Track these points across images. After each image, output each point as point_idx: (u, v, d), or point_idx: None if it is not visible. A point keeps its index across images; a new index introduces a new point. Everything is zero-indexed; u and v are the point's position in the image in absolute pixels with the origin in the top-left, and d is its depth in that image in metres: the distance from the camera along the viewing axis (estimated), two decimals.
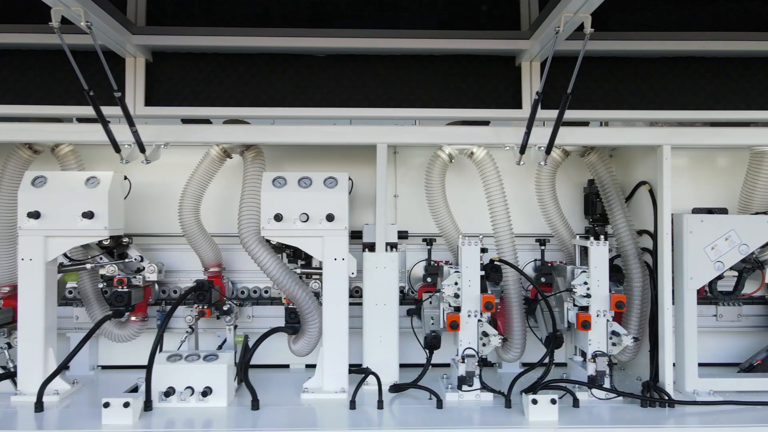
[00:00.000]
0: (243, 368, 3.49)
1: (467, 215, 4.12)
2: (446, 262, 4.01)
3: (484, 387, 3.48)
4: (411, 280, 4.19)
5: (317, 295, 3.74)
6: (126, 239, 3.80)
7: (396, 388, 3.53)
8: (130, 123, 3.10)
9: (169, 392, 3.32)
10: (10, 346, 3.76)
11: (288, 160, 4.19)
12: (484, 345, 3.52)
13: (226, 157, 3.82)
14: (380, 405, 3.34)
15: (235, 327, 3.94)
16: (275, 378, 3.93)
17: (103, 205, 3.53)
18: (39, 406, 3.28)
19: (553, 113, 3.19)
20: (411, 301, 4.07)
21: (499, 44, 3.42)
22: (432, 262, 4.07)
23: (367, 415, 3.28)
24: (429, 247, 4.06)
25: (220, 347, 3.99)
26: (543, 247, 4.06)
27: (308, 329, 3.68)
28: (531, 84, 3.46)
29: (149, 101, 3.39)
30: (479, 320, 3.51)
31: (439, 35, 3.47)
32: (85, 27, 2.60)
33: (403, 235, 3.99)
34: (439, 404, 3.36)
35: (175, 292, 4.11)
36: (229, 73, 3.50)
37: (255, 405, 3.33)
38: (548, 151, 3.31)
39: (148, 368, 3.26)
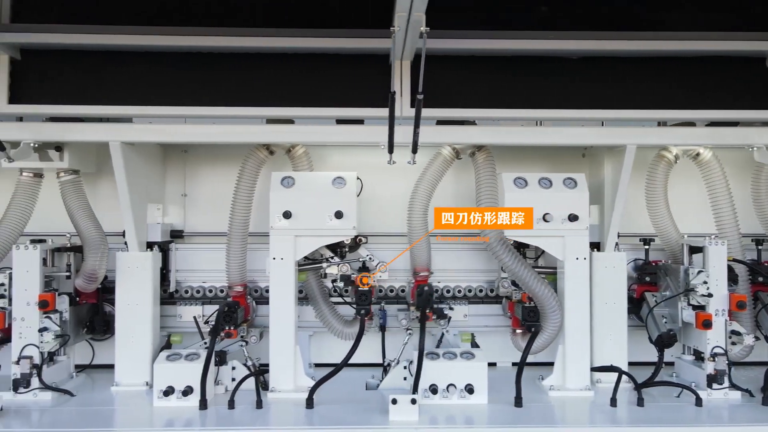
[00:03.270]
0: (521, 367, 3.48)
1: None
2: (664, 261, 4.04)
3: (733, 386, 3.52)
4: None
5: None
6: (362, 238, 3.86)
7: (642, 385, 3.55)
8: (417, 125, 3.15)
9: (434, 389, 3.38)
10: (246, 342, 3.83)
11: None
12: (734, 344, 3.55)
13: (456, 157, 3.87)
14: (641, 402, 3.39)
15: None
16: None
17: (351, 204, 3.59)
18: (310, 402, 3.35)
19: None
20: None
21: (754, 45, 3.45)
22: (649, 262, 4.09)
23: (633, 412, 3.33)
24: (647, 247, 4.09)
25: (437, 345, 4.02)
26: (760, 247, 4.08)
27: (548, 327, 3.70)
28: None
29: (412, 103, 3.45)
30: (726, 319, 3.55)
31: (688, 36, 3.49)
32: (425, 31, 2.66)
33: None
34: (698, 402, 3.40)
35: (391, 291, 4.17)
36: (484, 75, 3.55)
37: (518, 402, 3.37)
38: None
39: (418, 366, 3.30)
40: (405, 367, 3.74)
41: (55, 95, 3.40)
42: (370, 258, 3.91)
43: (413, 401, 3.13)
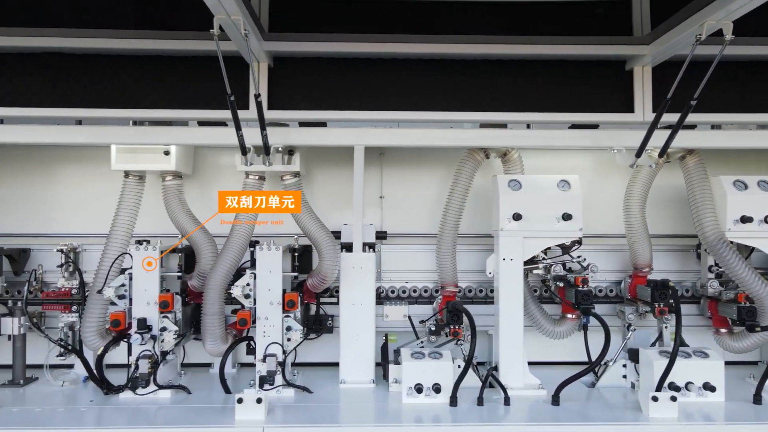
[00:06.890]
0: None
1: None
2: None
3: None
4: None
5: None
6: (580, 240, 3.94)
7: None
8: (676, 129, 3.24)
9: (676, 387, 3.46)
10: (462, 341, 3.92)
11: None
12: None
13: (665, 161, 3.95)
14: None
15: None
16: None
17: (577, 207, 3.69)
18: (556, 400, 3.44)
19: None
20: None
21: None
22: None
23: None
24: None
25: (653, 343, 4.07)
26: None
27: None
28: None
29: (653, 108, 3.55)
30: None
31: None
32: (730, 39, 2.76)
33: None
34: None
35: (600, 291, 4.26)
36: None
37: (757, 400, 3.46)
38: None
39: (670, 362, 3.35)
40: (624, 365, 3.84)
41: (303, 101, 3.53)
42: (583, 259, 3.99)
43: (673, 398, 3.22)
